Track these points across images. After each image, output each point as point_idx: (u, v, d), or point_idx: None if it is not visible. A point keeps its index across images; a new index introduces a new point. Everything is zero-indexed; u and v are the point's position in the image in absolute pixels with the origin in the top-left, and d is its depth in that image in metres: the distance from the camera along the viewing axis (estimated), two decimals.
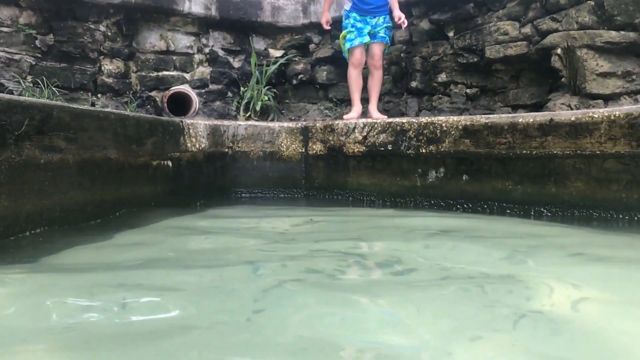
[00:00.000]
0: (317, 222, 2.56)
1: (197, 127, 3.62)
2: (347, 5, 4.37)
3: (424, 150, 3.15)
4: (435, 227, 2.32)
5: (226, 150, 3.84)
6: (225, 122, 3.97)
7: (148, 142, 3.04)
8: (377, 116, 4.18)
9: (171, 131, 3.34)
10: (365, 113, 4.48)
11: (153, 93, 5.17)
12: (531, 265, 1.62)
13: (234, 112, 5.50)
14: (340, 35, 4.42)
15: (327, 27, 4.69)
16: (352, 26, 4.29)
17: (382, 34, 4.33)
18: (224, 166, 3.83)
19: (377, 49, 4.35)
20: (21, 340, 1.04)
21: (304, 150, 3.86)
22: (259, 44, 5.71)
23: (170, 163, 3.28)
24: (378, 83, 4.47)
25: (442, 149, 3.05)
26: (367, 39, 4.27)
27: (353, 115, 4.26)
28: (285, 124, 4.03)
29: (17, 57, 4.48)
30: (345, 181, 3.64)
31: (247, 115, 5.32)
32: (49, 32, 4.64)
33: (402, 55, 5.06)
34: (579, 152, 2.49)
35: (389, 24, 4.35)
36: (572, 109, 3.46)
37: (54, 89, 4.46)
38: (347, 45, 4.33)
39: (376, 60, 4.38)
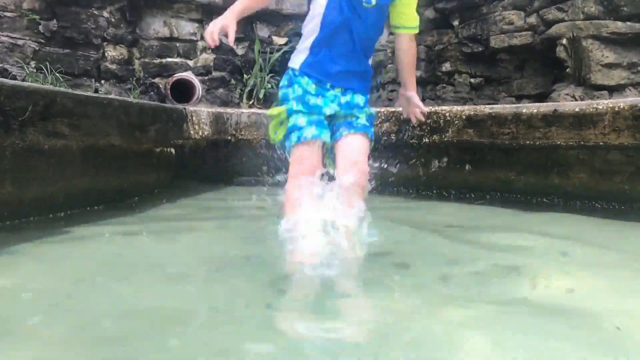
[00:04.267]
0: None
1: (200, 115, 3.61)
2: (295, 61, 2.09)
3: (427, 140, 3.14)
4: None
5: (229, 137, 3.84)
6: (229, 110, 3.96)
7: (151, 129, 3.04)
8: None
9: (174, 118, 3.34)
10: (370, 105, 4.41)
11: (156, 80, 5.16)
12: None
13: (237, 99, 5.48)
14: (271, 113, 2.08)
15: (212, 45, 1.92)
16: (300, 100, 2.00)
17: (363, 120, 2.07)
18: (227, 153, 3.83)
19: (355, 145, 2.03)
20: None
21: None
22: (262, 31, 5.68)
23: (173, 150, 3.29)
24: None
25: (446, 139, 3.04)
26: (326, 133, 1.99)
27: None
28: None
29: (20, 42, 4.47)
30: None
31: (251, 102, 5.30)
32: (52, 17, 4.62)
33: None
34: (582, 143, 2.48)
35: (371, 112, 2.15)
36: (576, 100, 3.43)
37: (57, 74, 4.45)
38: (292, 139, 1.96)
39: (359, 165, 1.97)
